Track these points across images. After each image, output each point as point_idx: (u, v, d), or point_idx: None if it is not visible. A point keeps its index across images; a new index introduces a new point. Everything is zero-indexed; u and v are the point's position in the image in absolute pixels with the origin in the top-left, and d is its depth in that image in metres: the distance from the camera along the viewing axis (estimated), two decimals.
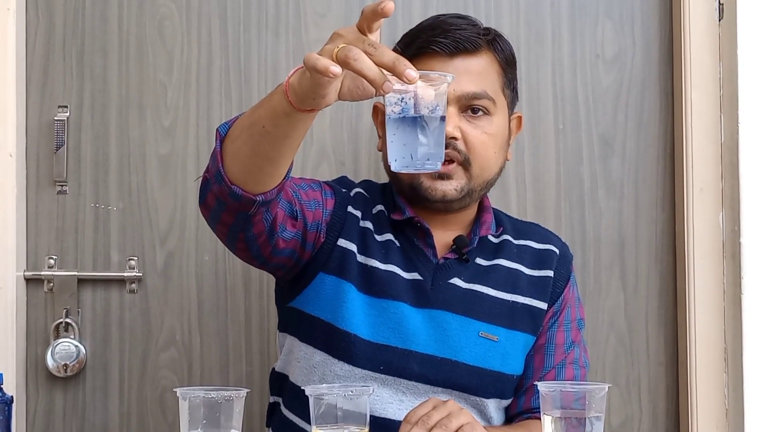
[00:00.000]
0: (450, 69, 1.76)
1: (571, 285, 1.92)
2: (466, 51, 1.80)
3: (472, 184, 1.81)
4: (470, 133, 1.79)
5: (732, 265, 2.20)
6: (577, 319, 1.92)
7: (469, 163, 1.80)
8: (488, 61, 1.83)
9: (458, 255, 1.84)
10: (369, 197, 1.89)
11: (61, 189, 2.28)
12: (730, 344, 2.20)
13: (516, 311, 1.84)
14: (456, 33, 1.79)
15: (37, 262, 2.27)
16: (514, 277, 1.86)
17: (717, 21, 2.25)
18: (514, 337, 1.83)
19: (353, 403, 1.49)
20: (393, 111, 1.35)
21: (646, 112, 2.34)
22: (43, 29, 2.29)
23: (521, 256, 1.89)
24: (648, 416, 2.32)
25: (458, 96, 1.78)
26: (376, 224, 1.86)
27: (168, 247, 2.29)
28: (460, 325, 1.79)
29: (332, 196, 1.83)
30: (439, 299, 1.81)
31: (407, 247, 1.84)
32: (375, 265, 1.81)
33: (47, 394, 2.27)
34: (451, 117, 1.77)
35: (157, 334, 2.28)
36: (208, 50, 2.30)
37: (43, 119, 2.28)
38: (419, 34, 1.83)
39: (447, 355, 1.78)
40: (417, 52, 1.80)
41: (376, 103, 1.95)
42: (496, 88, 1.83)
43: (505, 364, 1.81)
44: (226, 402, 1.48)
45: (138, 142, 2.29)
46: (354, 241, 1.82)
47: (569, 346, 1.89)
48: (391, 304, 1.79)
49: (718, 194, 2.23)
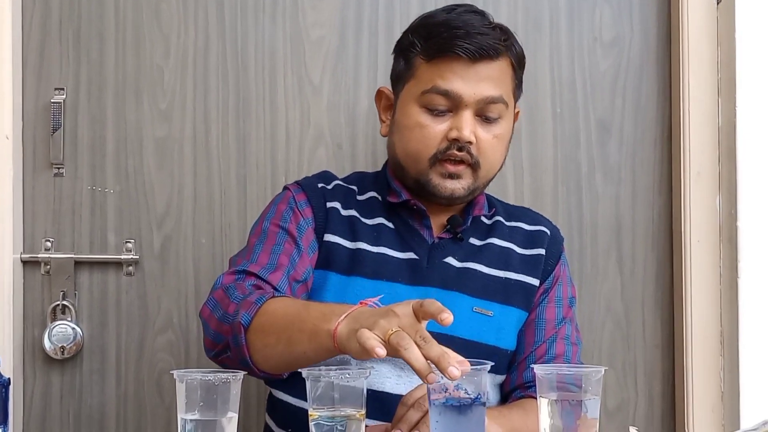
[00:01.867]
0: (471, 73, 1.79)
1: (561, 263, 1.95)
2: (488, 57, 1.81)
3: (478, 183, 1.85)
4: (483, 137, 1.82)
5: (729, 249, 2.20)
6: (569, 297, 1.94)
7: (478, 165, 1.82)
8: (505, 65, 1.85)
9: (452, 234, 1.88)
10: (355, 188, 1.92)
11: (58, 171, 2.28)
12: (727, 328, 2.21)
13: (510, 287, 1.87)
14: (480, 39, 1.79)
15: (34, 244, 2.27)
16: (507, 256, 1.90)
17: (715, 5, 2.25)
18: (508, 312, 1.86)
19: (350, 385, 1.49)
20: (437, 398, 1.43)
21: (644, 97, 2.34)
22: (39, 12, 2.28)
23: (513, 237, 1.92)
24: (644, 399, 2.33)
25: (478, 100, 1.80)
26: (364, 210, 1.89)
27: (165, 230, 2.29)
28: (454, 301, 1.81)
29: (308, 204, 1.87)
30: (434, 277, 1.84)
31: (402, 229, 1.88)
32: (364, 248, 1.84)
33: (44, 376, 2.28)
34: (467, 121, 1.80)
35: (154, 316, 2.28)
36: (205, 34, 2.30)
37: (40, 102, 2.28)
38: (440, 31, 1.82)
39: (442, 330, 1.77)
40: (439, 53, 1.81)
41: (380, 88, 1.95)
42: (509, 90, 1.86)
43: (499, 339, 1.84)
44: (223, 384, 1.48)
45: (135, 126, 2.29)
46: (338, 233, 1.85)
47: (560, 322, 1.90)
48: (386, 284, 1.82)
49: (715, 178, 2.24)
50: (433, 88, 1.80)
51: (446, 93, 1.80)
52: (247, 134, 2.29)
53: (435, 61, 1.81)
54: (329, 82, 2.30)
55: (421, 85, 1.83)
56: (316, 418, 1.48)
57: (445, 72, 1.80)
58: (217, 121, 2.29)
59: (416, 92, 1.83)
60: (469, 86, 1.79)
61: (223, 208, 2.27)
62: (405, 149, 1.86)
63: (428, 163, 1.82)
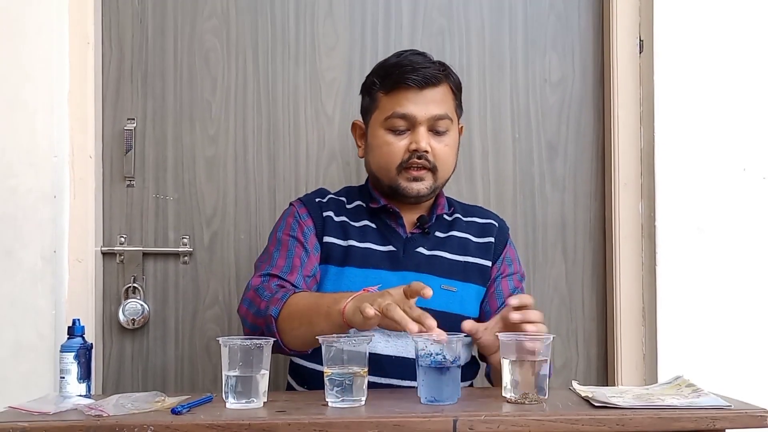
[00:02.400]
0: (420, 98, 1.83)
1: (509, 247, 1.96)
2: (432, 84, 1.84)
3: (437, 183, 1.88)
4: (436, 147, 1.85)
5: (648, 243, 2.20)
6: (518, 273, 1.96)
7: (436, 169, 1.85)
8: (446, 89, 1.87)
9: (421, 230, 1.90)
10: (345, 199, 1.94)
11: (130, 183, 2.28)
12: (647, 304, 2.21)
13: (468, 268, 1.89)
14: (424, 71, 1.83)
15: (111, 239, 2.27)
16: (465, 244, 1.91)
17: (638, 54, 2.25)
18: (468, 288, 1.88)
19: (355, 349, 1.50)
20: (424, 362, 1.48)
21: (583, 124, 2.34)
22: (116, 58, 2.29)
23: (469, 229, 1.94)
24: (583, 360, 2.33)
25: (428, 118, 1.83)
26: (353, 215, 1.91)
27: (212, 228, 2.29)
28: (426, 281, 1.78)
29: (309, 216, 1.89)
30: (409, 263, 1.86)
31: (382, 227, 1.90)
32: (354, 245, 1.86)
33: (119, 343, 2.28)
34: (422, 136, 1.83)
35: (204, 295, 2.28)
36: (244, 74, 2.30)
37: (116, 129, 2.28)
38: (393, 70, 1.86)
39: (419, 304, 1.80)
40: (394, 86, 1.84)
41: (354, 121, 1.98)
42: (452, 109, 1.88)
43: (463, 309, 1.86)
44: (257, 348, 1.49)
45: (189, 147, 2.29)
46: (333, 235, 1.88)
47: (513, 290, 1.91)
48: (373, 272, 1.84)
49: (638, 188, 2.23)
50: (393, 113, 1.83)
51: (404, 116, 1.83)
52: (276, 153, 2.29)
53: (392, 93, 1.85)
54: (340, 114, 2.31)
55: (383, 113, 1.85)
56: (329, 374, 1.49)
57: (400, 100, 1.83)
58: (253, 143, 2.29)
59: (381, 119, 1.86)
60: (420, 108, 1.83)
61: (257, 211, 2.28)
62: (377, 163, 1.88)
63: (396, 172, 1.85)
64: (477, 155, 2.32)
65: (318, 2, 2.30)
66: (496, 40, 2.33)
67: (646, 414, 1.41)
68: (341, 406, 1.47)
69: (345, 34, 2.30)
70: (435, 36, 2.32)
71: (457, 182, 2.29)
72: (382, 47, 2.30)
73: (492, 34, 2.33)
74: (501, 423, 1.38)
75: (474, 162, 2.31)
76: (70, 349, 1.66)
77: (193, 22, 2.29)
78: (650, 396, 1.53)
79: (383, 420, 1.38)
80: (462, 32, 2.32)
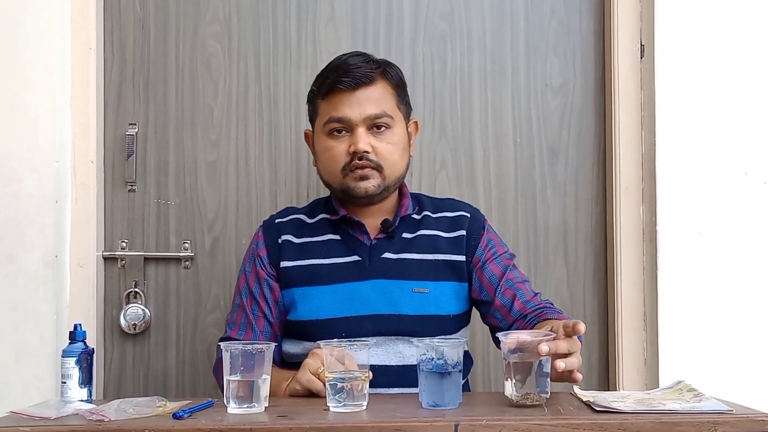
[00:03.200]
0: (354, 99, 1.82)
1: (486, 233, 1.91)
2: (364, 84, 1.83)
3: (387, 182, 1.85)
4: (377, 145, 1.83)
5: (650, 247, 2.20)
6: (505, 252, 1.92)
7: (381, 167, 1.84)
8: (383, 87, 1.86)
9: (386, 234, 1.88)
10: (307, 216, 1.94)
11: (131, 188, 2.28)
12: (648, 309, 2.20)
13: (439, 267, 1.86)
14: (355, 71, 1.83)
15: (113, 244, 2.28)
16: (434, 242, 1.88)
17: (639, 58, 2.24)
18: (441, 286, 1.85)
19: (357, 353, 1.51)
20: (425, 367, 1.48)
21: (584, 129, 2.34)
22: (117, 63, 2.29)
23: (439, 225, 1.91)
24: (585, 364, 2.29)
25: (364, 118, 1.82)
26: (316, 230, 1.91)
27: (214, 233, 2.29)
28: (397, 286, 1.83)
29: (264, 245, 1.91)
30: (377, 271, 1.84)
31: (346, 238, 1.89)
32: (317, 263, 1.86)
33: (120, 347, 2.28)
34: (360, 137, 1.82)
35: (205, 300, 2.29)
36: (245, 80, 2.30)
37: (117, 134, 2.28)
38: (327, 76, 1.86)
39: (391, 311, 1.81)
40: (328, 90, 1.84)
41: (306, 131, 1.98)
42: (392, 106, 1.86)
43: (439, 308, 1.84)
44: (259, 353, 1.50)
45: (191, 152, 2.29)
46: (290, 258, 1.88)
47: (506, 270, 1.88)
48: (340, 286, 1.83)
49: (639, 193, 2.23)
50: (330, 118, 1.83)
51: (339, 119, 1.83)
52: (277, 158, 2.29)
53: (327, 98, 1.85)
54: None
55: (323, 119, 1.86)
56: (331, 379, 1.50)
57: (335, 104, 1.83)
58: (255, 148, 2.30)
59: (321, 125, 1.86)
60: (354, 110, 1.82)
61: (259, 216, 2.27)
62: (324, 169, 1.88)
63: (342, 175, 1.84)
64: (478, 160, 2.32)
65: (320, 7, 2.31)
66: (498, 45, 2.33)
67: (648, 418, 1.41)
68: (343, 411, 1.47)
69: (347, 39, 2.31)
70: (436, 41, 2.32)
71: (458, 186, 2.29)
72: (384, 52, 2.30)
73: (493, 39, 2.33)
74: (503, 428, 1.38)
75: (475, 166, 2.32)
76: (72, 354, 1.66)
77: (195, 27, 2.30)
78: (652, 400, 1.53)
79: (385, 425, 1.38)
80: (463, 37, 2.32)
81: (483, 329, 2.30)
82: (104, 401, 1.61)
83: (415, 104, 2.30)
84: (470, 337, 2.25)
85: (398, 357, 1.81)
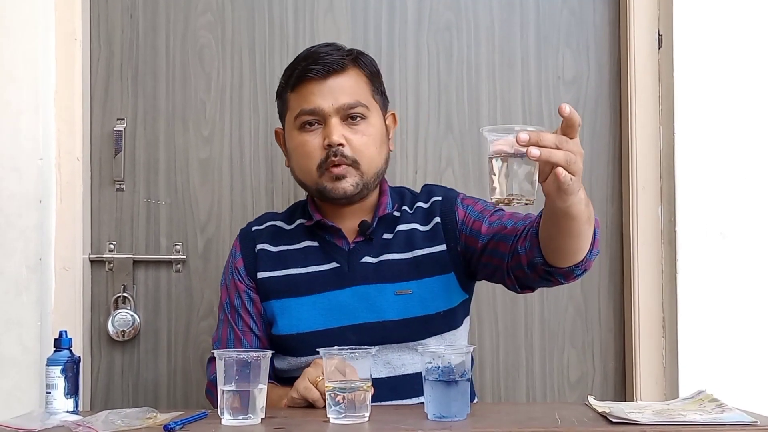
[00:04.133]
0: (325, 89, 1.80)
1: (459, 207, 1.85)
2: (335, 71, 1.81)
3: (365, 178, 1.82)
4: (352, 138, 1.80)
5: (668, 249, 2.20)
6: (480, 208, 1.84)
7: (357, 163, 1.80)
8: (355, 76, 1.84)
9: (365, 237, 1.85)
10: (284, 222, 1.92)
11: (119, 187, 2.28)
12: (667, 314, 2.20)
13: (420, 263, 1.82)
14: (325, 59, 1.81)
15: (100, 246, 2.28)
16: (411, 237, 1.85)
17: (657, 49, 2.24)
18: (425, 283, 1.81)
19: (358, 362, 1.50)
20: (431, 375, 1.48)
21: (599, 124, 2.33)
22: (104, 55, 2.29)
23: (415, 217, 1.87)
24: (600, 373, 2.32)
25: (337, 108, 1.80)
26: (294, 237, 1.89)
27: (207, 234, 2.29)
28: (378, 291, 1.80)
29: (241, 255, 1.90)
30: (356, 277, 1.82)
31: (323, 244, 1.87)
32: (295, 272, 1.85)
33: (108, 355, 2.28)
34: (334, 128, 1.79)
35: (198, 305, 2.28)
36: (240, 73, 2.30)
37: (105, 130, 2.28)
38: (296, 66, 1.85)
39: (374, 318, 1.79)
40: (297, 81, 1.82)
41: (276, 129, 1.96)
42: (367, 96, 1.84)
43: (425, 308, 1.80)
44: (255, 361, 1.49)
45: (182, 149, 2.29)
46: (268, 269, 1.87)
47: (486, 206, 1.82)
48: (320, 297, 1.82)
49: (657, 191, 2.23)
50: (301, 111, 1.81)
51: (311, 111, 1.80)
52: (274, 155, 2.29)
53: (297, 89, 1.82)
54: None
55: (293, 112, 1.83)
56: (331, 389, 1.49)
57: (305, 95, 1.81)
58: (250, 145, 2.30)
59: (292, 120, 1.84)
60: (326, 100, 1.79)
61: (254, 216, 2.24)
62: (298, 168, 1.85)
63: (317, 173, 1.80)
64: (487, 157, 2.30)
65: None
66: (507, 36, 2.33)
67: (667, 431, 1.40)
68: (343, 423, 1.47)
69: (346, 30, 2.30)
70: (442, 32, 2.32)
71: (465, 185, 2.28)
72: (386, 44, 2.30)
73: (502, 30, 2.33)
74: None
75: (483, 164, 2.31)
76: (57, 363, 1.65)
77: (187, 17, 2.30)
78: (671, 412, 1.53)
79: None
80: (470, 28, 2.32)
81: (491, 335, 2.29)
82: (91, 412, 1.61)
83: (419, 98, 2.30)
84: (478, 344, 2.25)
85: (388, 368, 1.79)
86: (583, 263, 1.62)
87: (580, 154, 1.44)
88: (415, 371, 1.77)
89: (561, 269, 1.63)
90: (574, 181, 1.44)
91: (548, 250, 1.62)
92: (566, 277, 1.65)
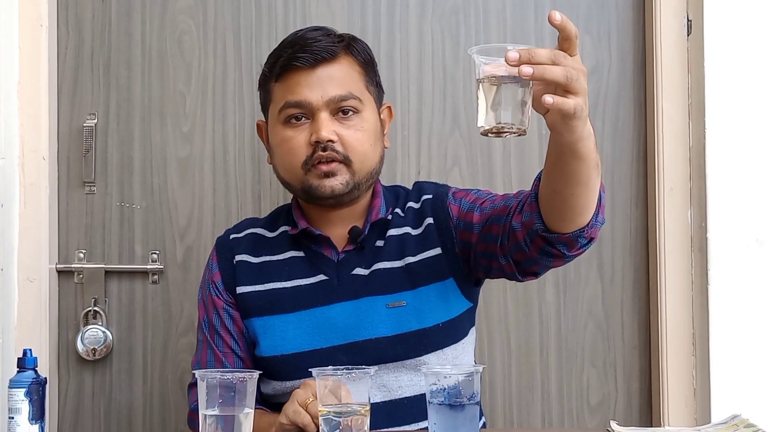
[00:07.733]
0: (314, 79, 1.78)
1: (452, 202, 1.83)
2: (325, 60, 1.79)
3: (357, 178, 1.80)
4: (344, 133, 1.79)
5: (699, 258, 2.20)
6: (473, 198, 1.82)
7: (349, 160, 1.79)
8: (348, 65, 1.82)
9: (356, 245, 1.84)
10: (265, 230, 1.91)
11: (90, 189, 2.28)
12: (698, 330, 2.20)
13: (413, 271, 1.80)
14: (313, 45, 1.79)
15: (68, 255, 2.28)
16: (402, 243, 1.82)
17: (686, 36, 2.25)
18: (420, 293, 1.79)
19: (355, 383, 1.50)
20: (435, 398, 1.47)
21: (621, 119, 2.34)
22: (73, 44, 2.30)
23: (407, 219, 1.86)
24: (623, 396, 2.32)
25: (327, 101, 1.78)
26: (276, 247, 1.88)
27: (187, 241, 2.29)
28: (369, 305, 1.78)
29: (218, 268, 1.89)
30: (347, 291, 1.80)
31: (310, 254, 1.85)
32: (277, 287, 1.83)
33: (77, 376, 2.28)
34: (323, 123, 1.77)
35: (177, 320, 2.28)
36: (223, 62, 2.31)
37: (73, 126, 2.29)
38: (281, 53, 1.82)
39: (366, 336, 1.77)
40: (282, 70, 1.81)
41: (258, 122, 1.95)
42: (360, 87, 1.82)
43: (421, 321, 1.78)
44: (240, 383, 1.49)
45: (159, 146, 2.29)
46: (248, 282, 1.86)
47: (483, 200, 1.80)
48: (306, 313, 1.80)
49: (686, 193, 2.23)
50: (286, 103, 1.79)
51: (298, 103, 1.78)
52: (261, 154, 2.28)
53: (282, 79, 1.81)
54: None
55: (277, 105, 1.81)
56: (325, 413, 1.49)
57: (291, 86, 1.79)
58: (234, 142, 2.30)
59: (275, 113, 1.82)
60: (314, 91, 1.78)
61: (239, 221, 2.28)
62: (282, 165, 1.84)
63: (303, 171, 1.79)
64: (497, 155, 2.32)
65: None
66: (519, 21, 2.33)
67: None
68: None
69: (342, 15, 2.31)
70: (447, 16, 2.32)
71: (473, 186, 2.27)
72: (386, 30, 2.30)
73: (514, 15, 2.33)
74: None
75: (493, 163, 2.32)
76: (21, 385, 1.65)
77: (165, 0, 2.30)
78: None
79: None
80: (479, 12, 2.33)
81: (502, 353, 2.30)
82: None
83: (422, 91, 2.31)
84: (488, 363, 2.25)
85: (383, 391, 1.78)
86: (588, 229, 1.56)
87: (582, 72, 1.35)
88: (414, 394, 1.76)
89: (564, 236, 1.57)
90: (579, 101, 1.35)
91: (550, 211, 1.57)
92: (569, 246, 1.59)
